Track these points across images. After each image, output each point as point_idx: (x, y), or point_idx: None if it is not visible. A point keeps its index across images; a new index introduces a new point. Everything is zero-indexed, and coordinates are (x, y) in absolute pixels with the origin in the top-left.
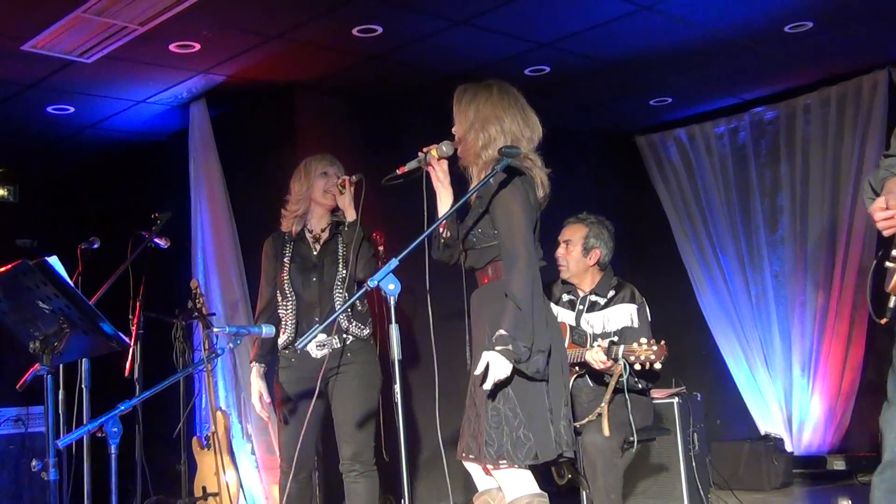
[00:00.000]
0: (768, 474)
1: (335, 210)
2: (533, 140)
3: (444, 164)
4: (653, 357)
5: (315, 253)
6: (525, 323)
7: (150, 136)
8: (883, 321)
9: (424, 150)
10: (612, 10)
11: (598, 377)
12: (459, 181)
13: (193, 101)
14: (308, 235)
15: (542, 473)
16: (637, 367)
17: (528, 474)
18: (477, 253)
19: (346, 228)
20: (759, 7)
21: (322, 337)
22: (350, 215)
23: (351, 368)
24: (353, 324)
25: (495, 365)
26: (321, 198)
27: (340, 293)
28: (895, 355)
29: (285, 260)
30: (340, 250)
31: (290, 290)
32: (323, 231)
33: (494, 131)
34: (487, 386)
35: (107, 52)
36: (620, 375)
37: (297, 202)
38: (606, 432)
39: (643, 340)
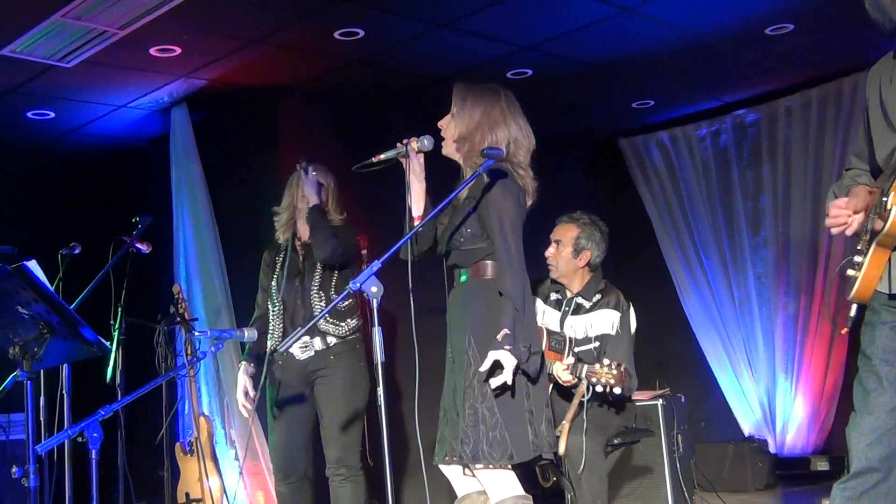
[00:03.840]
0: (752, 476)
1: (329, 219)
2: (530, 150)
3: (421, 157)
4: (612, 381)
5: (301, 259)
6: (521, 324)
7: (131, 141)
8: (844, 331)
9: (405, 141)
10: (593, 13)
11: (566, 393)
12: (434, 175)
13: (174, 106)
14: (297, 243)
15: (527, 476)
16: (598, 388)
17: (512, 475)
18: (462, 253)
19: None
20: (739, 10)
21: (305, 339)
22: (312, 200)
23: (335, 371)
24: (330, 321)
25: (510, 362)
26: (300, 202)
27: (318, 296)
28: (860, 365)
29: (277, 268)
30: None
31: (278, 296)
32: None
33: (502, 136)
34: (500, 382)
35: (87, 57)
36: (583, 396)
37: (282, 210)
38: (562, 450)
39: (606, 362)
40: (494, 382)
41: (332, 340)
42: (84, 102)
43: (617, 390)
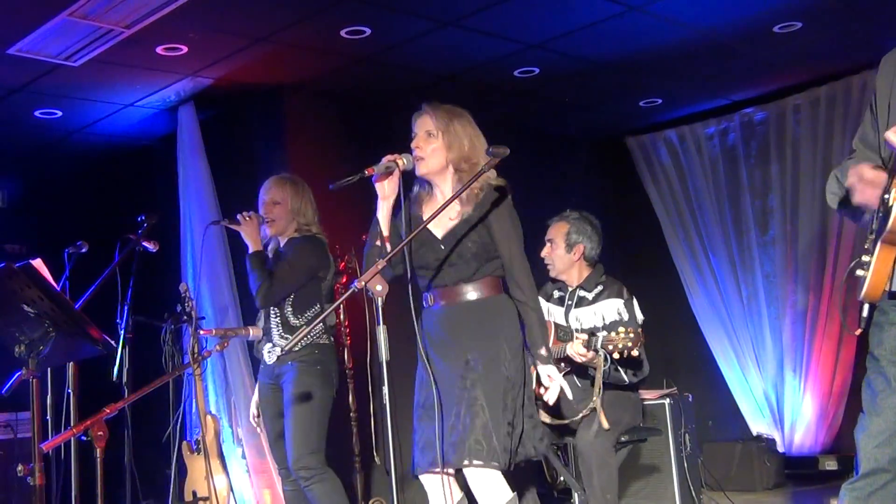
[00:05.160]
0: (760, 475)
1: (299, 227)
2: None
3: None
4: (630, 344)
5: None
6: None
7: (138, 140)
8: (857, 332)
9: (391, 157)
10: (600, 11)
11: (584, 372)
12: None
13: (181, 105)
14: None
15: (536, 474)
16: (616, 355)
17: (501, 477)
18: (473, 266)
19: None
20: (747, 8)
21: (269, 344)
22: (251, 248)
23: (292, 375)
24: (285, 337)
25: (558, 376)
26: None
27: (273, 311)
28: (868, 366)
29: None
30: None
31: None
32: (280, 248)
33: (482, 150)
34: (556, 394)
35: (93, 56)
36: (604, 365)
37: None
38: (606, 425)
39: (620, 329)
40: (551, 397)
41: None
42: (91, 101)
43: (635, 352)
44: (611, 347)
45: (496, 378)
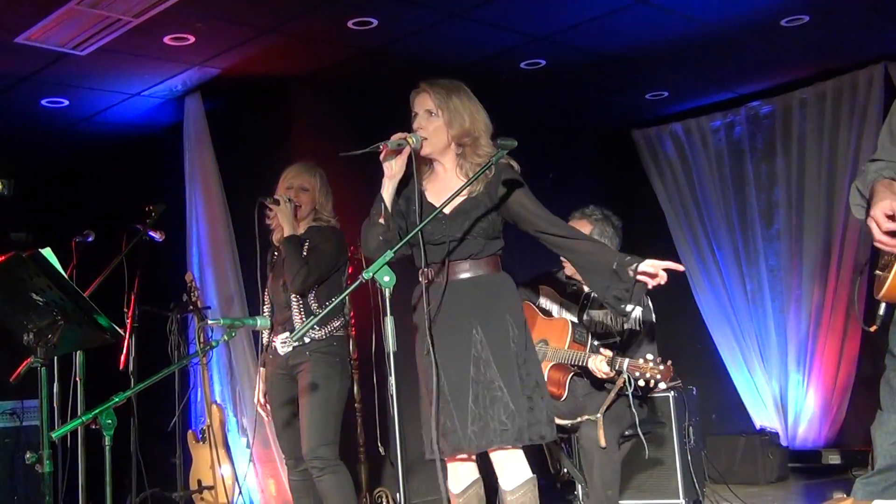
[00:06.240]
0: (764, 468)
1: (318, 217)
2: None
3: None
4: (658, 377)
5: (283, 262)
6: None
7: (144, 130)
8: (872, 328)
9: (402, 135)
10: (608, 4)
11: (597, 381)
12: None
13: (188, 94)
14: (281, 246)
15: (538, 466)
16: (641, 383)
17: (523, 455)
18: (480, 243)
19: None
20: (754, 1)
21: (285, 334)
22: (286, 231)
23: (309, 366)
24: (312, 327)
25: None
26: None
27: (295, 299)
28: (887, 363)
29: (269, 267)
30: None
31: (269, 295)
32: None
33: (482, 123)
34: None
35: (101, 45)
36: (621, 388)
37: (271, 215)
38: (602, 443)
39: (649, 357)
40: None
41: (306, 339)
42: (98, 90)
43: (662, 385)
44: (637, 374)
45: (506, 355)
